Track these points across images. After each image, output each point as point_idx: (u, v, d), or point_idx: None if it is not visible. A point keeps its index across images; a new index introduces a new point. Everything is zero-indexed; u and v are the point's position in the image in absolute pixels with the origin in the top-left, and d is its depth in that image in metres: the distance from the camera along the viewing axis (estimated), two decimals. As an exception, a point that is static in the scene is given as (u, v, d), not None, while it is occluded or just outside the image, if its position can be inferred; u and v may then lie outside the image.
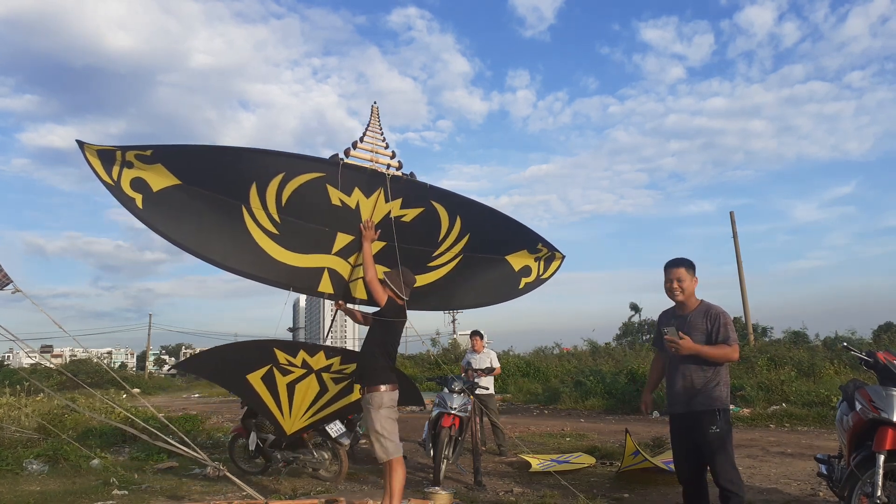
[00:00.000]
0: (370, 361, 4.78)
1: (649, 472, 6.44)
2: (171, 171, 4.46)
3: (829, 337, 23.82)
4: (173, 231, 4.63)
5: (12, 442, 8.83)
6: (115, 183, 4.32)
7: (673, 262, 4.16)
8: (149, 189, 4.43)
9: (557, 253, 6.17)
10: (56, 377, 20.81)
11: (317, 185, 4.80)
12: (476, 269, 5.87)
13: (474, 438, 6.85)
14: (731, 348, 3.85)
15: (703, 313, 3.98)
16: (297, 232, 4.98)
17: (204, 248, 4.81)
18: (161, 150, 4.40)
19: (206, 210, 4.68)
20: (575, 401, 17.23)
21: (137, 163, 4.35)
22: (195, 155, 4.61)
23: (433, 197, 5.21)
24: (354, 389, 5.77)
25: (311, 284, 5.27)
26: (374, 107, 5.48)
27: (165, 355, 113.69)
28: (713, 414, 3.80)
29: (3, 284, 4.69)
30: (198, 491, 6.42)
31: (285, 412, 5.82)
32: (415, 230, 5.25)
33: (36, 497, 6.16)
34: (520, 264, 6.08)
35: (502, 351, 30.90)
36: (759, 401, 13.47)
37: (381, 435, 4.59)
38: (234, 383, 5.80)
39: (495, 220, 5.66)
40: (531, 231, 5.88)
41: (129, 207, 4.39)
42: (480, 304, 6.28)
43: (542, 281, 6.26)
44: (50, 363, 22.65)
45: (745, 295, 24.49)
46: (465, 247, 5.59)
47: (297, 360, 5.55)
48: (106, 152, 4.27)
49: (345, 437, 6.89)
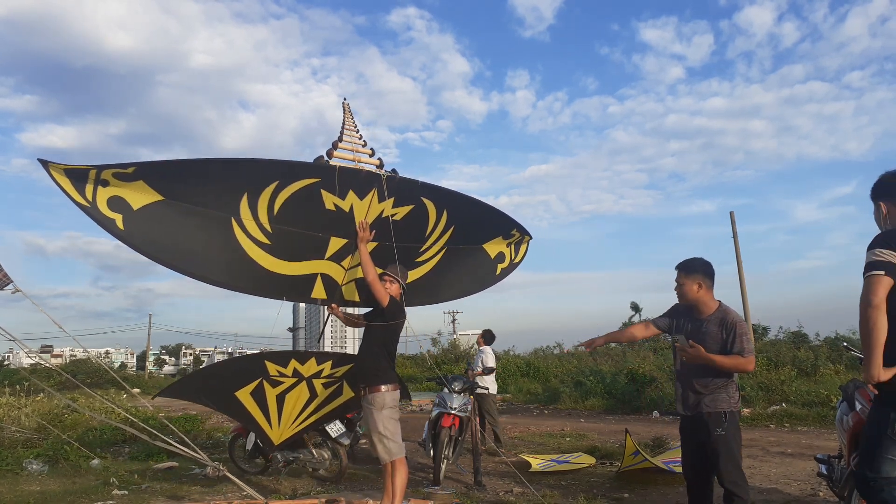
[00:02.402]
0: (371, 362, 4.75)
1: (649, 472, 6.44)
2: (153, 187, 4.26)
3: (829, 337, 23.83)
4: (159, 251, 4.46)
5: (12, 442, 8.82)
6: (91, 203, 4.08)
7: (679, 264, 4.05)
8: (129, 207, 4.21)
9: (526, 236, 6.29)
10: (56, 377, 20.79)
11: (311, 190, 4.75)
12: (457, 260, 5.91)
13: (474, 438, 6.85)
14: (746, 360, 3.76)
15: (720, 321, 3.85)
16: (290, 240, 4.91)
17: (194, 266, 4.68)
18: (144, 167, 4.19)
19: (192, 226, 4.52)
20: (575, 401, 17.24)
21: (115, 181, 4.13)
22: (182, 168, 4.40)
23: (423, 193, 5.22)
24: (344, 391, 5.75)
25: (305, 291, 5.22)
26: (345, 104, 5.44)
27: (165, 355, 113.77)
28: (719, 416, 3.77)
29: (4, 284, 4.68)
30: (198, 491, 6.42)
31: (273, 423, 5.68)
32: (405, 227, 5.24)
33: (36, 497, 6.15)
34: (495, 251, 6.20)
35: (504, 351, 30.94)
36: (759, 401, 13.48)
37: (383, 436, 4.56)
38: (222, 402, 5.59)
39: (476, 210, 5.70)
40: (507, 216, 5.95)
41: (108, 229, 4.15)
42: (462, 295, 6.37)
43: (515, 265, 6.43)
44: (48, 363, 22.60)
45: (745, 295, 24.41)
46: (448, 239, 5.64)
47: (287, 370, 5.44)
48: (76, 171, 4.01)
49: (345, 437, 6.89)
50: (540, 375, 24.23)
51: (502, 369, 22.80)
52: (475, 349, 9.59)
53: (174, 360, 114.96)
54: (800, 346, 22.07)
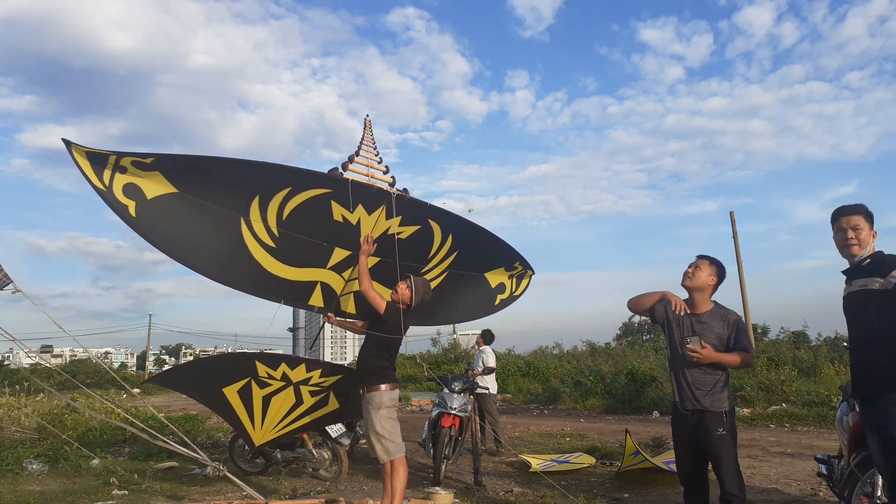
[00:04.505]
0: (370, 362, 4.77)
1: (649, 472, 6.44)
2: (169, 179, 4.30)
3: (829, 337, 23.85)
4: (166, 241, 4.50)
5: (12, 442, 8.83)
6: (107, 188, 4.12)
7: (704, 254, 4.04)
8: (143, 196, 4.26)
9: (529, 270, 6.34)
10: (56, 377, 20.80)
11: (322, 200, 4.78)
12: (458, 285, 5.97)
13: (474, 438, 6.85)
14: (749, 355, 3.87)
15: (721, 318, 3.90)
16: (295, 246, 4.95)
17: (198, 260, 4.72)
18: (163, 159, 4.23)
19: (202, 221, 4.56)
20: (575, 401, 17.25)
21: (133, 168, 4.17)
22: (199, 165, 4.44)
23: (430, 215, 5.28)
24: (329, 402, 5.76)
25: (303, 297, 5.26)
26: (366, 120, 5.55)
27: (165, 355, 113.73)
28: (720, 416, 3.78)
29: (4, 284, 4.68)
30: (198, 491, 6.42)
31: (257, 424, 5.67)
32: (409, 247, 5.29)
33: (36, 497, 6.15)
34: (496, 281, 6.26)
35: (505, 350, 30.95)
36: (759, 401, 13.48)
37: (381, 436, 4.57)
38: (208, 395, 5.57)
39: (481, 238, 5.76)
40: (511, 248, 6.03)
41: (121, 214, 4.21)
42: (457, 321, 6.45)
43: (515, 298, 6.45)
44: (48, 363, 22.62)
45: (745, 295, 24.44)
46: (451, 264, 5.68)
47: (277, 374, 5.46)
48: (96, 155, 4.05)
49: (345, 437, 6.90)
50: (540, 375, 24.23)
51: (502, 369, 22.80)
52: (475, 349, 9.60)
53: (174, 360, 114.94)
54: (800, 345, 22.09)
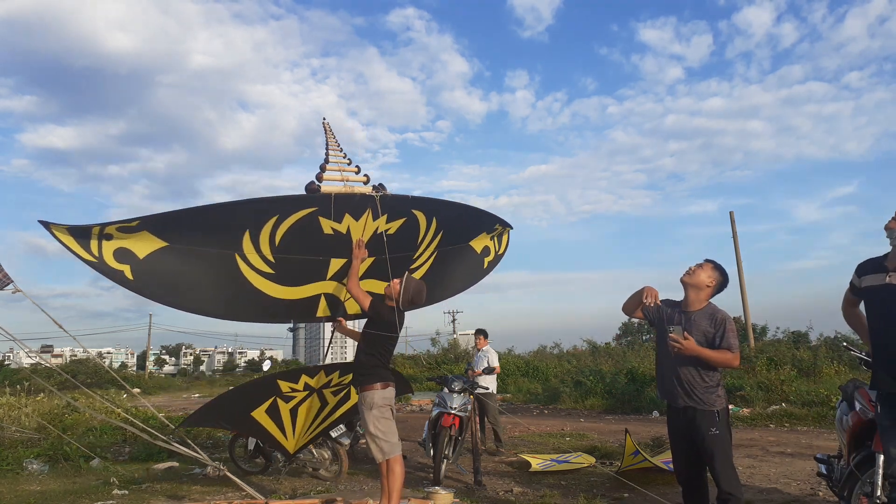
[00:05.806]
0: (364, 361, 4.83)
1: (649, 472, 6.44)
2: (158, 235, 4.33)
3: (829, 337, 23.84)
4: (169, 295, 4.54)
5: (12, 442, 8.83)
6: (98, 258, 4.11)
7: (711, 259, 4.12)
8: (135, 257, 4.26)
9: (508, 227, 6.47)
10: (57, 377, 20.81)
11: (310, 220, 4.84)
12: (448, 261, 6.07)
13: (474, 438, 6.85)
14: (733, 355, 3.86)
15: (709, 316, 3.94)
16: (292, 266, 5.02)
17: (203, 304, 4.82)
18: (147, 220, 4.24)
19: (198, 266, 4.61)
20: (575, 401, 17.24)
21: (118, 234, 4.17)
22: (183, 218, 4.47)
23: (413, 206, 5.34)
24: (351, 396, 5.95)
25: (310, 312, 5.37)
26: (325, 124, 5.60)
27: (166, 355, 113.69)
28: (713, 415, 3.79)
29: (4, 284, 4.67)
30: (198, 491, 6.42)
31: (289, 435, 5.91)
32: (398, 239, 5.36)
33: (36, 497, 6.16)
34: (481, 246, 6.39)
35: (506, 350, 30.93)
36: (758, 401, 13.46)
37: (375, 436, 4.61)
38: (239, 423, 5.87)
39: (461, 212, 5.87)
40: (489, 213, 6.15)
41: (118, 281, 4.19)
42: (454, 293, 6.56)
43: (500, 257, 6.63)
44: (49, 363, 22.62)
45: (745, 295, 24.49)
46: (438, 243, 5.77)
47: (299, 385, 5.65)
48: (78, 229, 4.03)
49: (345, 437, 6.91)
50: (540, 375, 24.22)
51: (502, 369, 22.75)
52: (474, 349, 9.60)
53: (174, 359, 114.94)
54: (800, 345, 22.09)
